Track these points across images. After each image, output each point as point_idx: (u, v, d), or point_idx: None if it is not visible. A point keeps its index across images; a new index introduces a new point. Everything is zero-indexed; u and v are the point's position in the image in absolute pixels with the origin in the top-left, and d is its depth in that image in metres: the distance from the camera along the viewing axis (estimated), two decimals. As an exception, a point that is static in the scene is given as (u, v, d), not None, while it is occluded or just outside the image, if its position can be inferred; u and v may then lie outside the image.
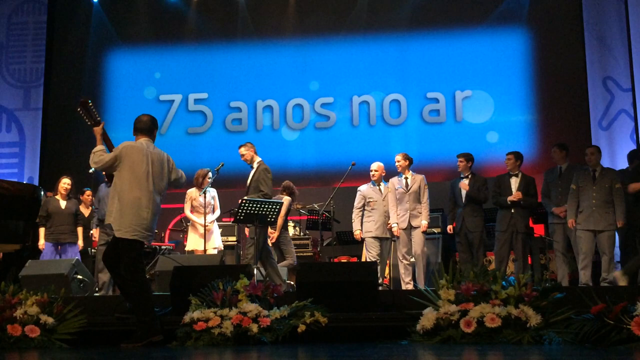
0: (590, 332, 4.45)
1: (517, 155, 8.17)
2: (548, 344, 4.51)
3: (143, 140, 5.46)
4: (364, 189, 8.16)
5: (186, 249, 8.48)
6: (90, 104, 5.46)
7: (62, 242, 8.38)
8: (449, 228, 8.33)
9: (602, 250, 7.39)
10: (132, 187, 5.22)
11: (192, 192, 8.43)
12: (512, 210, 7.88)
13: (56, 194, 8.58)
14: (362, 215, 8.10)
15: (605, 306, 4.49)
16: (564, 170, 7.87)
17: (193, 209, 8.37)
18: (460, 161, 8.29)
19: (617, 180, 7.48)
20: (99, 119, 5.55)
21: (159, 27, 12.57)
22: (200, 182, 8.39)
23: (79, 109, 5.45)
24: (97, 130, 5.47)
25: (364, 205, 8.08)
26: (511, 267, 8.08)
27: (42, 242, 8.31)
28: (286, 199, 8.52)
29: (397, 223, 7.85)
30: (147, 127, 5.53)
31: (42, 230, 8.33)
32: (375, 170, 8.17)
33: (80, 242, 8.54)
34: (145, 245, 5.63)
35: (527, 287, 4.95)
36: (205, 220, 8.05)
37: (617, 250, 8.09)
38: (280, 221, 8.15)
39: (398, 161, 8.27)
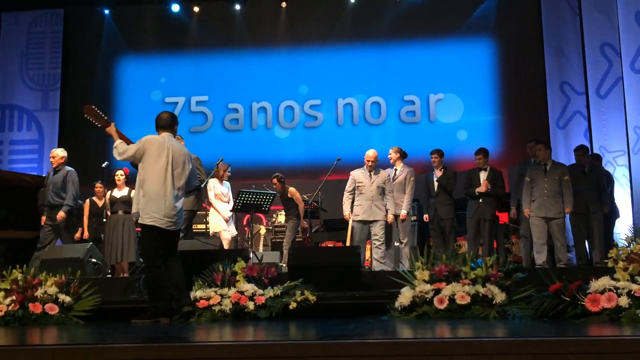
0: (549, 308, 4.48)
1: (485, 153, 8.19)
2: (512, 318, 4.53)
3: (164, 134, 5.39)
4: (356, 173, 7.80)
5: (211, 231, 8.39)
6: (95, 108, 5.41)
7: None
8: (425, 216, 8.33)
9: (555, 237, 7.45)
10: (153, 177, 5.16)
11: (214, 182, 8.31)
12: (480, 200, 7.91)
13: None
14: (353, 199, 7.80)
15: (562, 285, 4.52)
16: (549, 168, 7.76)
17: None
18: (435, 157, 8.30)
19: (566, 173, 7.54)
20: (106, 119, 5.49)
21: (164, 37, 12.50)
22: (221, 174, 8.34)
23: (86, 115, 5.40)
24: (110, 129, 5.41)
25: (354, 189, 7.76)
26: (479, 251, 8.11)
27: (86, 234, 8.37)
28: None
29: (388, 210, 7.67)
30: (167, 123, 5.45)
31: (43, 219, 8.17)
32: (370, 158, 7.69)
33: (85, 232, 8.46)
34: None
35: (493, 269, 4.98)
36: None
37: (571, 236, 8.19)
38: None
39: (390, 154, 8.28)
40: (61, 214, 7.46)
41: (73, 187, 7.66)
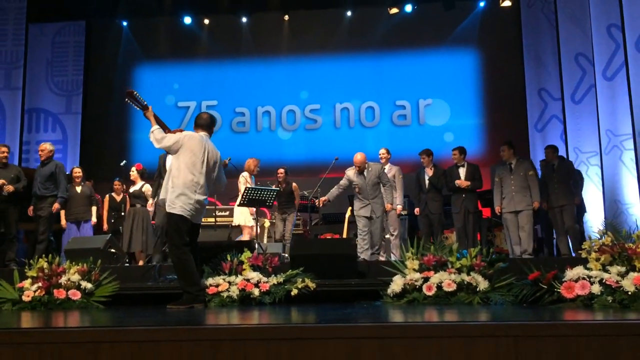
0: (528, 295, 4.48)
1: (461, 150, 8.12)
2: (494, 304, 4.54)
3: (202, 134, 5.28)
4: (350, 173, 7.43)
5: (235, 223, 8.25)
6: (135, 93, 5.28)
7: (79, 220, 8.26)
8: (416, 210, 8.31)
9: (521, 227, 7.38)
10: (187, 172, 5.01)
11: (246, 176, 8.19)
12: (464, 195, 7.89)
13: (71, 182, 8.43)
14: (342, 194, 7.62)
15: (540, 274, 4.52)
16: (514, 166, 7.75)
17: None
18: (423, 158, 8.24)
19: (530, 169, 7.51)
20: (145, 103, 5.37)
21: (176, 46, 12.49)
22: (252, 169, 8.26)
23: (126, 99, 5.27)
24: (148, 113, 5.30)
25: (346, 186, 7.46)
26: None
27: (63, 222, 8.22)
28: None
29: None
30: (206, 123, 5.35)
31: (62, 213, 8.19)
32: (357, 163, 7.37)
33: (94, 219, 8.37)
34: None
35: (477, 259, 4.98)
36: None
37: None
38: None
39: (383, 154, 8.25)
40: (56, 205, 7.33)
41: (64, 179, 7.53)
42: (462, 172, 7.98)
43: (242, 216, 8.10)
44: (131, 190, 8.29)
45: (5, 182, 7.07)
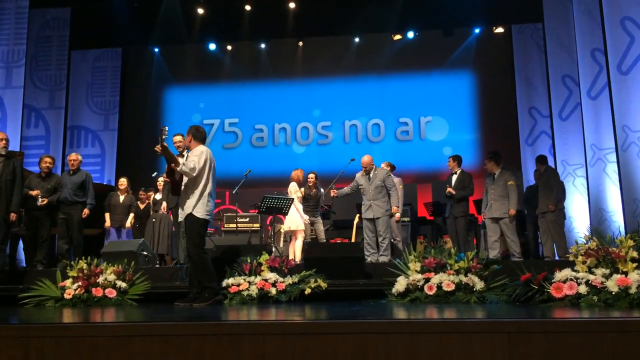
0: (520, 294, 4.45)
1: (454, 158, 7.92)
2: (489, 303, 4.51)
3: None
4: (358, 175, 7.39)
5: (286, 227, 7.83)
6: (166, 131, 5.02)
7: (120, 226, 8.34)
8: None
9: (505, 234, 7.22)
10: (210, 181, 5.05)
11: (295, 186, 7.83)
12: (452, 201, 7.72)
13: (116, 190, 8.51)
14: (349, 193, 7.49)
15: (531, 275, 4.49)
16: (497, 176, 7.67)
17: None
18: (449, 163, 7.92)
19: (510, 179, 7.38)
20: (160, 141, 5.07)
21: (202, 70, 12.57)
22: (300, 178, 7.94)
23: (161, 133, 4.99)
24: (166, 152, 4.99)
25: (354, 187, 7.37)
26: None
27: (107, 223, 8.29)
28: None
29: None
30: (205, 137, 5.28)
31: (107, 215, 8.28)
32: (364, 164, 7.36)
33: (128, 224, 8.37)
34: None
35: (474, 261, 4.96)
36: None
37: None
38: None
39: (382, 167, 8.17)
40: (86, 211, 7.22)
41: (92, 188, 7.45)
42: (454, 179, 7.78)
43: (295, 222, 7.72)
44: (157, 197, 8.31)
45: (39, 192, 7.01)
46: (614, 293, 3.88)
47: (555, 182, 7.69)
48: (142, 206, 8.68)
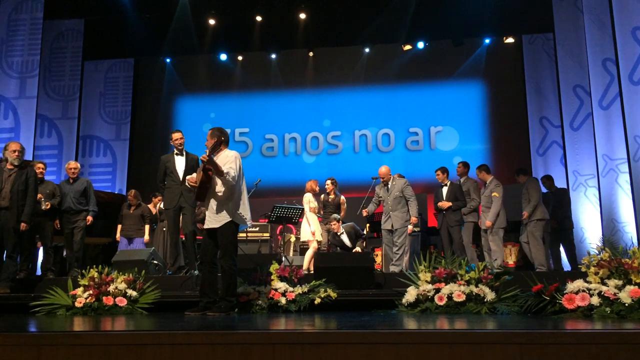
0: (531, 305, 4.41)
1: (442, 170, 7.84)
2: (500, 313, 4.47)
3: None
4: (378, 187, 7.40)
5: (303, 238, 7.78)
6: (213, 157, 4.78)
7: (131, 237, 8.37)
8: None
9: (490, 243, 7.30)
10: (243, 186, 4.89)
11: (310, 196, 7.77)
12: (444, 212, 7.62)
13: (127, 202, 8.55)
14: (376, 204, 7.47)
15: (543, 286, 4.45)
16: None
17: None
18: (438, 174, 7.85)
19: (494, 190, 7.36)
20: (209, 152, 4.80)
21: (213, 80, 12.67)
22: (314, 188, 7.83)
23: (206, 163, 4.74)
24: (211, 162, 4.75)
25: (377, 201, 7.38)
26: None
27: (118, 235, 8.38)
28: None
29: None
30: (228, 139, 5.05)
31: (119, 227, 8.38)
32: (381, 175, 7.33)
33: (147, 237, 8.40)
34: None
35: (485, 272, 4.93)
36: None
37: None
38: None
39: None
40: (89, 218, 7.19)
41: (93, 195, 7.41)
42: (444, 191, 7.68)
43: (304, 234, 7.66)
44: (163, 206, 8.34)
45: (42, 197, 6.99)
46: (627, 305, 3.85)
47: (533, 193, 7.50)
48: (154, 211, 8.77)
